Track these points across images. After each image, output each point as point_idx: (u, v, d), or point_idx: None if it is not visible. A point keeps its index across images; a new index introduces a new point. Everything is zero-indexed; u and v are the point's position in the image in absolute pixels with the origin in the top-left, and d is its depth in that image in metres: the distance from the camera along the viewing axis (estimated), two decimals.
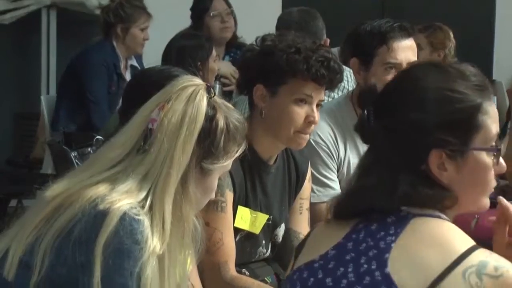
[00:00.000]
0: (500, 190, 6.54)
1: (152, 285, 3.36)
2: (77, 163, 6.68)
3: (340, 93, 6.68)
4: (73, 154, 6.88)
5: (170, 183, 3.33)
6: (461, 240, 2.82)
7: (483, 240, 3.08)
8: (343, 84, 6.65)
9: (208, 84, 3.48)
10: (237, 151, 3.50)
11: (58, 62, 10.18)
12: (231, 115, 3.47)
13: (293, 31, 5.30)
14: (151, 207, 3.38)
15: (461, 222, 3.16)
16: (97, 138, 6.44)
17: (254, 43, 4.88)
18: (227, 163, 3.48)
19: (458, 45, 8.70)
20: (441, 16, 8.85)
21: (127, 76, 8.46)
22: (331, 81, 4.55)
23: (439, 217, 2.89)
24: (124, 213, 3.24)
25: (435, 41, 8.67)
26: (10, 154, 10.04)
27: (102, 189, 3.35)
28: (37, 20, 10.32)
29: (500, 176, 6.79)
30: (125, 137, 3.42)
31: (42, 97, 9.54)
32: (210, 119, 3.36)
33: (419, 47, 8.03)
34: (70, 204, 3.32)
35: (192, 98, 3.35)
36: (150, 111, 3.39)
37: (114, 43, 8.70)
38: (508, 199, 6.09)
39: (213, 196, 3.65)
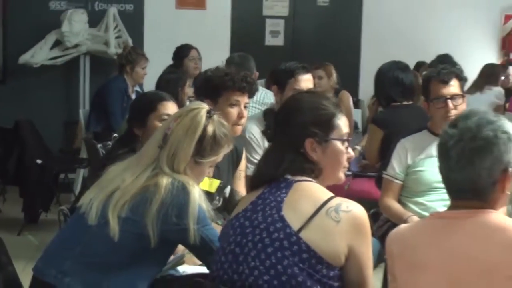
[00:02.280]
0: (361, 167, 6.87)
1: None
2: (102, 152, 6.76)
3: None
4: (99, 146, 6.98)
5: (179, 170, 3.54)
6: (324, 193, 3.07)
7: (352, 197, 3.29)
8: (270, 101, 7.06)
9: (210, 108, 3.70)
10: (222, 152, 3.69)
11: (90, 88, 10.39)
12: (220, 129, 3.63)
13: (233, 67, 5.62)
14: None
15: (339, 187, 3.48)
16: (114, 136, 6.62)
17: (203, 74, 5.19)
18: (213, 159, 3.66)
19: (338, 75, 8.90)
20: (326, 58, 9.13)
21: (133, 97, 8.55)
22: (250, 90, 4.75)
23: (311, 181, 3.14)
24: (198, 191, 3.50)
25: (328, 72, 8.83)
26: (62, 145, 10.30)
27: (166, 178, 3.48)
28: (77, 62, 10.61)
29: (363, 158, 7.37)
30: (154, 138, 3.62)
31: (80, 110, 9.77)
32: (204, 130, 3.55)
33: (320, 77, 8.46)
34: (156, 187, 3.44)
35: (196, 116, 3.55)
36: (169, 123, 3.60)
37: (125, 77, 8.92)
38: (365, 173, 6.63)
39: (201, 180, 3.78)
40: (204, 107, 3.64)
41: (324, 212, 3.00)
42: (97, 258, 3.43)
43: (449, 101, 5.03)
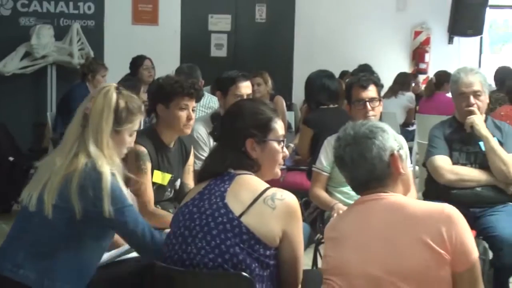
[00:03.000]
0: (294, 162, 6.85)
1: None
2: None
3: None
4: None
5: (103, 142, 3.41)
6: (261, 184, 3.09)
7: (287, 187, 3.29)
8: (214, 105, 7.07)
9: (116, 85, 3.59)
10: (136, 120, 3.56)
11: (56, 94, 10.33)
12: (130, 100, 3.54)
13: (182, 76, 5.63)
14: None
15: (275, 179, 3.39)
16: None
17: (156, 82, 5.14)
18: (130, 127, 3.53)
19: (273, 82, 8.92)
20: (263, 68, 9.07)
21: None
22: (197, 96, 4.69)
23: (251, 174, 3.15)
24: (110, 172, 3.33)
25: (265, 80, 8.74)
26: (31, 145, 10.05)
27: (82, 160, 3.33)
28: (45, 71, 10.58)
29: (296, 153, 7.40)
30: (75, 120, 3.52)
31: (48, 114, 9.66)
32: (116, 103, 3.45)
33: (259, 84, 8.45)
34: (75, 169, 3.30)
35: (106, 93, 3.47)
36: (85, 104, 3.50)
37: (87, 84, 8.84)
38: (298, 167, 6.63)
39: (124, 150, 3.60)
40: (112, 85, 3.55)
41: (262, 200, 3.04)
42: (45, 246, 3.30)
43: (368, 103, 5.08)
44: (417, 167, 7.27)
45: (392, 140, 2.90)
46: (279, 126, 3.30)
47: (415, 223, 2.72)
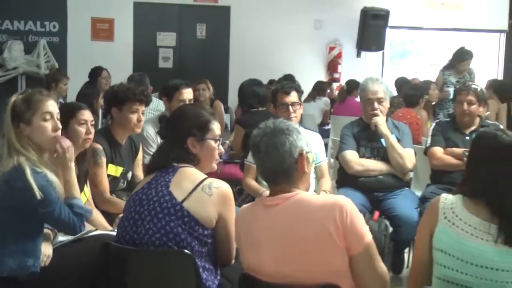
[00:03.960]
0: (230, 156, 6.67)
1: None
2: None
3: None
4: None
5: (17, 142, 3.20)
6: (200, 175, 3.07)
7: (223, 178, 3.27)
8: (162, 108, 6.90)
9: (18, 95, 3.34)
10: (40, 105, 3.30)
11: None
12: (29, 95, 3.32)
13: (133, 83, 5.54)
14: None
15: (214, 171, 3.35)
16: None
17: (111, 89, 5.03)
18: (38, 114, 3.28)
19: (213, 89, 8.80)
20: (204, 77, 8.84)
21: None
22: (146, 101, 4.66)
23: (192, 167, 3.13)
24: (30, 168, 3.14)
25: (207, 86, 8.59)
26: None
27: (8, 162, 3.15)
28: (16, 80, 10.49)
29: (231, 149, 7.38)
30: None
31: None
32: (13, 102, 3.26)
33: (203, 89, 8.35)
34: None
35: (7, 103, 3.26)
36: None
37: (52, 91, 8.04)
38: (232, 160, 6.60)
39: (48, 135, 3.30)
40: (15, 96, 3.34)
41: (200, 189, 3.03)
42: None
43: (290, 107, 5.09)
44: (331, 159, 7.25)
45: (305, 142, 2.82)
46: (216, 127, 3.29)
47: (316, 217, 2.65)
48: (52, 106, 3.35)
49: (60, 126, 3.35)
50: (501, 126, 5.84)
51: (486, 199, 2.62)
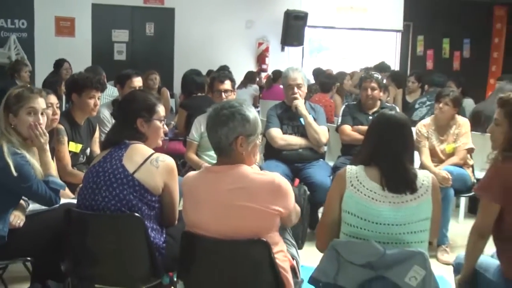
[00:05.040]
0: (174, 134, 6.68)
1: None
2: None
3: None
4: None
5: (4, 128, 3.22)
6: (148, 150, 3.03)
7: (169, 153, 3.25)
8: (116, 94, 6.54)
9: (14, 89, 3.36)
10: (29, 100, 3.31)
11: None
12: (21, 91, 3.34)
13: (91, 73, 5.28)
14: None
15: (161, 147, 3.41)
16: None
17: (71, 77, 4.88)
18: (26, 107, 3.30)
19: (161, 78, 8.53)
20: (153, 68, 8.56)
21: None
22: (102, 88, 4.56)
23: (141, 143, 3.08)
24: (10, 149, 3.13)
25: (157, 76, 8.35)
26: None
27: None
28: None
29: (176, 128, 7.37)
30: None
31: None
32: (8, 95, 3.31)
33: (155, 78, 8.20)
34: None
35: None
36: None
37: (16, 80, 8.35)
38: (177, 138, 6.58)
39: (27, 124, 3.29)
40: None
41: (149, 162, 2.99)
42: None
43: (223, 93, 5.10)
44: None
45: (248, 128, 2.70)
46: (161, 110, 3.24)
47: (255, 191, 2.62)
48: (37, 103, 3.35)
49: (41, 121, 3.35)
50: (397, 108, 5.95)
51: (376, 166, 2.64)
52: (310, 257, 2.67)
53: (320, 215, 5.16)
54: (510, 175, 2.76)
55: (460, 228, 5.72)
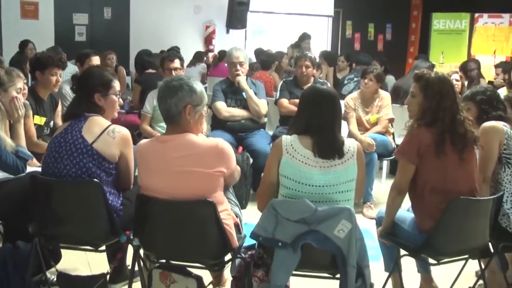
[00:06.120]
0: (130, 107, 6.61)
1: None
2: None
3: None
4: None
5: None
6: (106, 122, 2.97)
7: (126, 125, 3.17)
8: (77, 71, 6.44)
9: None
10: (15, 81, 3.39)
11: None
12: (10, 70, 3.47)
13: (53, 52, 5.46)
14: None
15: (119, 119, 3.35)
16: None
17: (35, 56, 4.80)
18: (12, 85, 3.39)
19: (118, 57, 8.36)
20: (111, 49, 8.42)
21: None
22: (63, 66, 4.47)
23: (99, 116, 3.01)
24: None
25: (114, 55, 8.17)
26: None
27: None
28: None
29: (131, 102, 7.26)
30: None
31: None
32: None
33: (112, 57, 7.98)
34: None
35: None
36: None
37: None
38: (132, 111, 6.49)
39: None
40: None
41: (106, 133, 2.93)
42: None
43: (173, 71, 5.06)
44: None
45: (195, 98, 2.70)
46: (116, 85, 3.17)
47: (201, 156, 2.63)
48: (21, 84, 3.48)
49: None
50: (328, 84, 5.99)
51: (309, 135, 2.64)
52: (253, 215, 2.69)
53: None
54: (422, 140, 2.83)
55: (383, 187, 5.87)
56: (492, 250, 3.02)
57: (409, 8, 12.37)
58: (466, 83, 6.75)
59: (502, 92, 5.23)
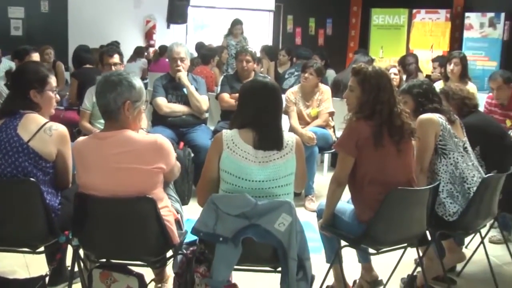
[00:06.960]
0: (69, 104, 6.43)
1: None
2: None
3: None
4: None
5: None
6: (42, 120, 2.89)
7: (64, 122, 3.15)
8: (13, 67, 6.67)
9: None
10: None
11: None
12: None
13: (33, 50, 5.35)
14: None
15: (57, 116, 3.32)
16: None
17: None
18: None
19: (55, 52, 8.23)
20: (49, 44, 8.26)
21: None
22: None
23: (35, 113, 2.92)
24: None
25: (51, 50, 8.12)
26: None
27: None
28: None
29: (70, 99, 7.11)
30: None
31: None
32: None
33: (50, 53, 7.91)
34: None
35: None
36: None
37: None
38: (72, 107, 6.33)
39: None
40: None
41: (43, 131, 2.86)
42: None
43: (112, 66, 4.96)
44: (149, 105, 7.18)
45: (134, 94, 2.67)
46: (53, 81, 3.10)
47: (139, 153, 2.60)
48: None
49: None
50: (268, 77, 6.02)
51: (250, 128, 2.65)
52: (195, 211, 2.67)
53: None
54: (361, 133, 2.88)
55: (324, 180, 5.94)
56: (429, 238, 3.11)
57: (349, 3, 12.60)
58: (404, 77, 6.93)
59: (439, 85, 5.38)
